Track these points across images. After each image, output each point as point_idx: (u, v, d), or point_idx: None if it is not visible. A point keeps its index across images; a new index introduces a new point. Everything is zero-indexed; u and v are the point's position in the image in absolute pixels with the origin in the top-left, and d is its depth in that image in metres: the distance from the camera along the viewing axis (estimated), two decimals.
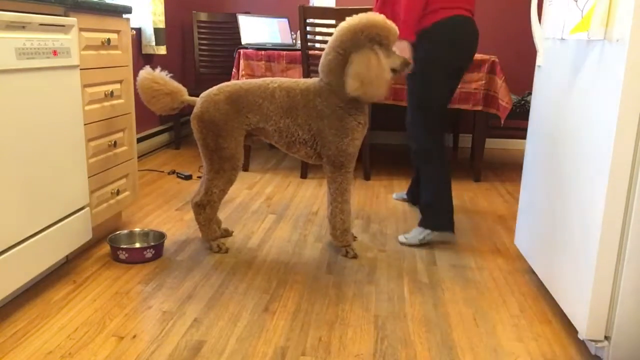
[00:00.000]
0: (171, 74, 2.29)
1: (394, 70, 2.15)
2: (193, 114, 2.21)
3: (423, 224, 2.46)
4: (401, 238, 2.48)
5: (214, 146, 2.18)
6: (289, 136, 2.22)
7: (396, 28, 2.13)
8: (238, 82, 2.23)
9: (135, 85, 2.36)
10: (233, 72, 3.55)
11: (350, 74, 2.06)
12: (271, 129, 2.22)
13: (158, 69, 2.26)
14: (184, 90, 2.28)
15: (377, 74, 2.04)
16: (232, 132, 2.18)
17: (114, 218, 2.51)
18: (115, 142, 2.31)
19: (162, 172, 3.60)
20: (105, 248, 2.31)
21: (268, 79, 2.24)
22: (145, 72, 2.23)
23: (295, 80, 2.23)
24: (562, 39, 1.81)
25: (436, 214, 2.44)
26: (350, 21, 2.11)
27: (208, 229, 2.30)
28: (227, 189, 2.26)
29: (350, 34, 2.08)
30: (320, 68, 2.19)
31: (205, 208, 2.26)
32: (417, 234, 2.45)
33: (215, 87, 2.23)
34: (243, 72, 3.50)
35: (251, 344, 1.64)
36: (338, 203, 2.25)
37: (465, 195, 3.27)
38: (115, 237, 2.28)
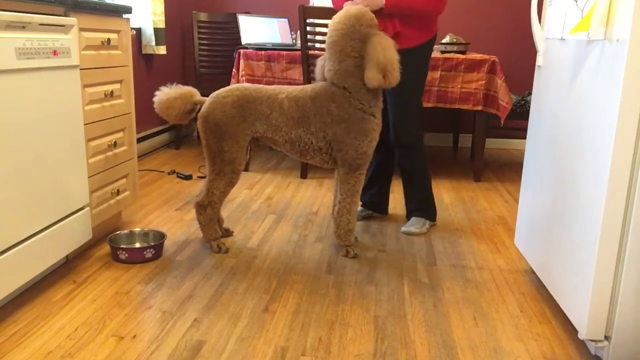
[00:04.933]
0: (175, 83, 2.28)
1: None
2: (199, 113, 2.21)
3: (424, 215, 2.64)
4: (411, 229, 2.58)
5: (216, 148, 2.18)
6: (301, 145, 2.21)
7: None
8: (250, 88, 2.20)
9: (134, 85, 2.35)
10: (233, 72, 3.55)
11: (371, 66, 2.08)
12: (281, 139, 2.21)
13: (167, 85, 2.26)
14: (194, 91, 2.26)
15: (395, 57, 2.10)
16: (235, 136, 2.17)
17: (114, 218, 2.51)
18: (115, 142, 2.31)
19: (162, 172, 3.60)
20: (105, 248, 2.31)
21: (278, 89, 2.21)
22: (156, 95, 2.24)
23: (302, 88, 2.21)
24: (562, 39, 1.81)
25: (432, 206, 2.66)
26: (341, 21, 2.11)
27: (209, 229, 2.30)
28: (227, 191, 2.25)
29: (354, 31, 2.09)
30: (332, 74, 2.15)
31: (206, 208, 2.26)
32: (423, 224, 2.62)
33: (225, 89, 2.21)
34: (243, 72, 3.50)
35: (251, 344, 1.64)
36: (347, 203, 2.25)
37: (465, 195, 3.27)
38: (115, 237, 2.28)
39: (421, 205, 2.64)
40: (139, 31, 3.98)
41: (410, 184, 2.64)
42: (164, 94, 2.22)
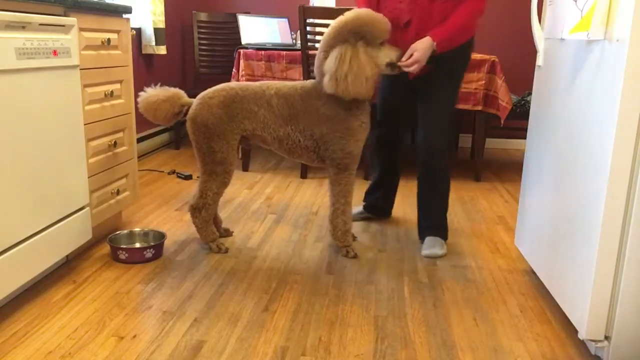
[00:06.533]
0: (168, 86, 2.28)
1: (391, 65, 2.13)
2: (188, 114, 2.20)
3: (441, 235, 2.39)
4: (435, 251, 2.30)
5: (206, 149, 2.18)
6: (289, 143, 2.20)
7: (385, 21, 2.09)
8: (235, 87, 2.20)
9: (134, 85, 2.35)
10: (233, 72, 3.55)
11: (325, 71, 2.06)
12: (270, 137, 2.20)
13: (152, 86, 2.25)
14: (181, 93, 2.25)
15: (352, 69, 2.02)
16: (225, 137, 2.17)
17: (114, 218, 2.51)
18: (115, 142, 2.31)
19: (162, 172, 3.60)
20: (105, 248, 2.31)
21: (265, 85, 2.20)
22: (140, 96, 2.23)
23: (292, 84, 2.20)
24: (562, 39, 1.81)
25: (447, 226, 2.42)
26: (338, 19, 2.11)
27: (205, 231, 2.29)
28: (221, 191, 2.25)
29: (334, 31, 2.08)
30: (315, 70, 2.18)
31: (201, 211, 2.26)
32: (442, 244, 2.36)
33: (211, 90, 2.21)
34: (243, 72, 3.50)
35: (251, 344, 1.64)
36: (340, 205, 2.24)
37: (465, 195, 3.27)
38: (115, 237, 2.28)
39: (438, 223, 2.40)
40: (139, 31, 3.98)
41: (428, 204, 2.41)
42: (151, 95, 2.21)
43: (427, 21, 2.15)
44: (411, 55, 2.09)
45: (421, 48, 2.07)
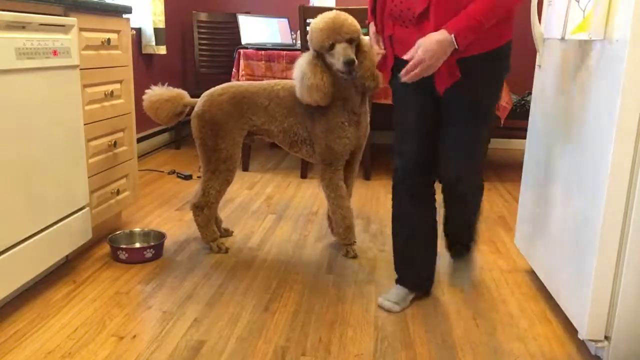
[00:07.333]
0: (170, 86, 2.29)
1: (341, 72, 2.02)
2: (194, 112, 2.21)
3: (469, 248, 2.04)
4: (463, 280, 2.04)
5: (211, 146, 2.18)
6: (292, 135, 2.25)
7: (329, 25, 2.03)
8: (243, 84, 2.25)
9: (134, 85, 2.36)
10: (233, 72, 3.55)
11: None
12: (276, 129, 2.24)
13: (158, 85, 2.27)
14: (183, 93, 2.27)
15: (297, 79, 2.13)
16: (231, 133, 2.19)
17: (114, 218, 2.51)
18: (115, 142, 2.31)
19: (162, 172, 3.60)
20: (105, 248, 2.31)
21: (272, 82, 2.26)
22: (146, 93, 2.25)
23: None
24: (562, 39, 1.81)
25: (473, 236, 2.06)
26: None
27: (207, 231, 2.30)
28: (223, 190, 2.26)
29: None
30: None
31: (203, 209, 2.26)
32: (471, 260, 2.07)
33: (219, 87, 2.23)
34: (243, 72, 3.50)
35: (251, 344, 1.64)
36: (333, 199, 2.26)
37: None
38: (115, 237, 2.28)
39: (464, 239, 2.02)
40: (139, 31, 3.98)
41: (454, 220, 1.98)
42: (155, 94, 2.23)
43: (453, 10, 1.51)
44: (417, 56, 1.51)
45: (427, 43, 1.47)
